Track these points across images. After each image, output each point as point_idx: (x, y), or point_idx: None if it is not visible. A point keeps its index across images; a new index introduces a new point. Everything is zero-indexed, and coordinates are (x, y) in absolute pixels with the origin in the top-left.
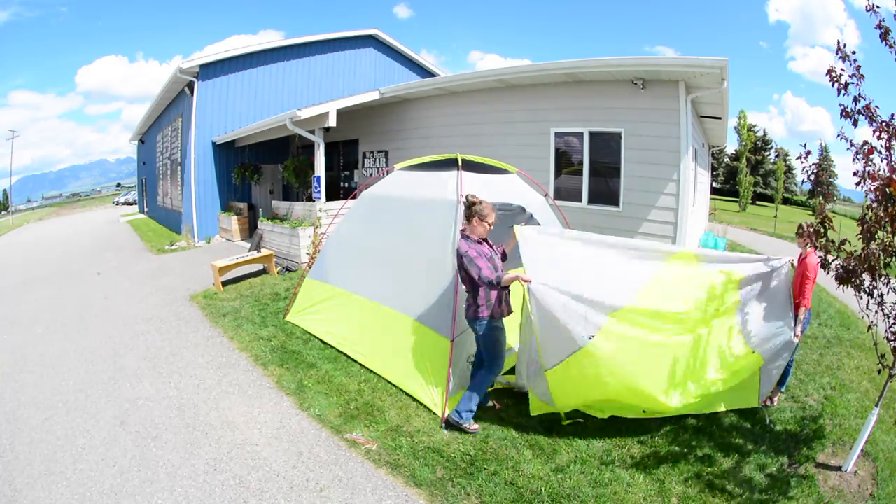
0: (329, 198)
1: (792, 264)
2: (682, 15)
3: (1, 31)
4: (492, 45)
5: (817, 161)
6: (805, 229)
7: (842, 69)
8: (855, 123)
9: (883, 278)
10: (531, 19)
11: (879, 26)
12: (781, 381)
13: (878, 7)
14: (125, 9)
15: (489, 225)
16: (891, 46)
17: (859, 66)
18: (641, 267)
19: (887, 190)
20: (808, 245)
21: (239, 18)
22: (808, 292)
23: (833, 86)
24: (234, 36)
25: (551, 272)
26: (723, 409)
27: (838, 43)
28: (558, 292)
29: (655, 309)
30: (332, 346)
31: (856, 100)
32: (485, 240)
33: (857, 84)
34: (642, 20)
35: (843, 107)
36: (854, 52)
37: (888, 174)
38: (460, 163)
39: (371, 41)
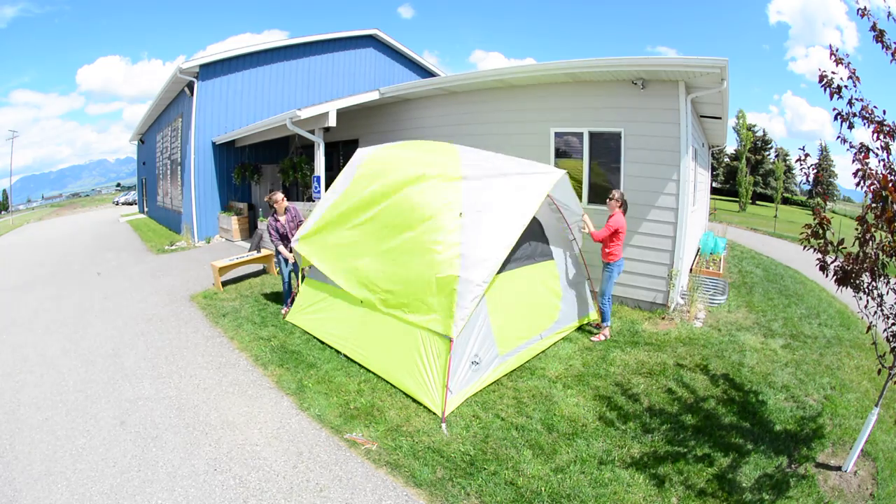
0: None
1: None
2: (683, 16)
3: (8, 27)
4: (495, 44)
5: (816, 161)
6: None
7: (833, 72)
8: (850, 127)
9: (882, 278)
10: (534, 19)
11: (874, 28)
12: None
13: (868, 10)
14: (129, 8)
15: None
16: (887, 48)
17: (854, 70)
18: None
19: (883, 192)
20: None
21: (243, 18)
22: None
23: (825, 91)
24: (239, 35)
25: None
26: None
27: (831, 48)
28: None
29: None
30: (331, 346)
31: (850, 103)
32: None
33: (855, 86)
34: (644, 21)
35: (836, 111)
36: (848, 55)
37: (882, 175)
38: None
39: (371, 41)
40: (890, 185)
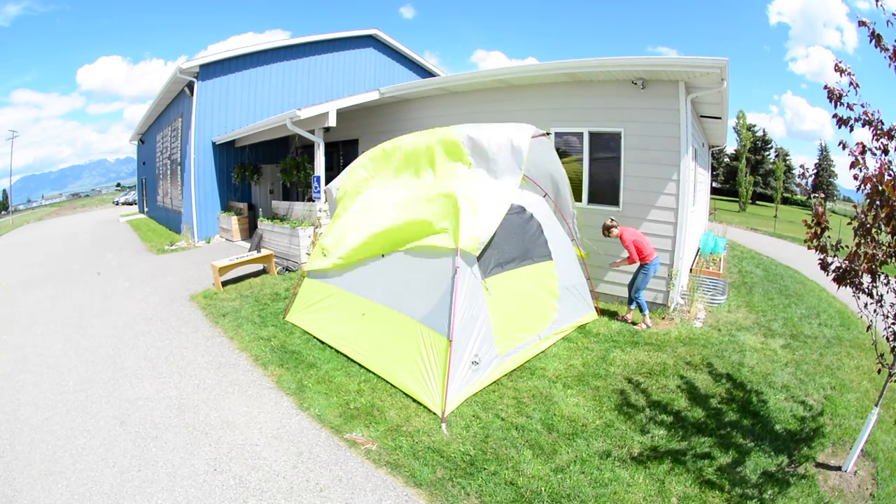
0: None
1: None
2: (683, 17)
3: (11, 25)
4: (496, 44)
5: (816, 162)
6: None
7: (837, 82)
8: (851, 129)
9: (882, 278)
10: (536, 19)
11: (872, 35)
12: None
13: (867, 21)
14: (131, 8)
15: None
16: (885, 50)
17: (854, 76)
18: None
19: (879, 187)
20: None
21: (245, 18)
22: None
23: (830, 100)
24: (241, 34)
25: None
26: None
27: (835, 59)
28: None
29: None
30: (331, 346)
31: (850, 107)
32: None
33: (856, 92)
34: (645, 22)
35: (837, 116)
36: (849, 66)
37: (879, 173)
38: None
39: (371, 41)
40: (887, 181)
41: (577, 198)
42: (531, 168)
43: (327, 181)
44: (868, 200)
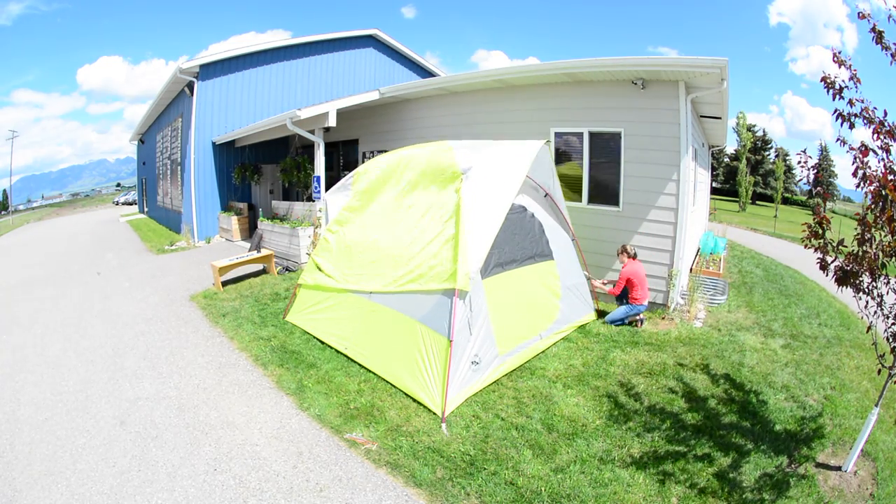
0: None
1: None
2: (683, 17)
3: (14, 25)
4: (497, 44)
5: (816, 161)
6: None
7: (836, 76)
8: (851, 126)
9: (882, 278)
10: (536, 19)
11: (873, 30)
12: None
13: (868, 14)
14: (132, 8)
15: None
16: (886, 49)
17: (856, 71)
18: None
19: (883, 192)
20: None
21: (246, 17)
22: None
23: (828, 92)
24: (242, 34)
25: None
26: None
27: (833, 50)
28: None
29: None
30: (331, 346)
31: (851, 103)
32: None
33: (856, 87)
34: (645, 22)
35: (837, 111)
36: (850, 58)
37: (882, 174)
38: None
39: (371, 41)
40: (890, 184)
41: (577, 198)
42: (533, 167)
43: (327, 181)
44: (872, 199)
